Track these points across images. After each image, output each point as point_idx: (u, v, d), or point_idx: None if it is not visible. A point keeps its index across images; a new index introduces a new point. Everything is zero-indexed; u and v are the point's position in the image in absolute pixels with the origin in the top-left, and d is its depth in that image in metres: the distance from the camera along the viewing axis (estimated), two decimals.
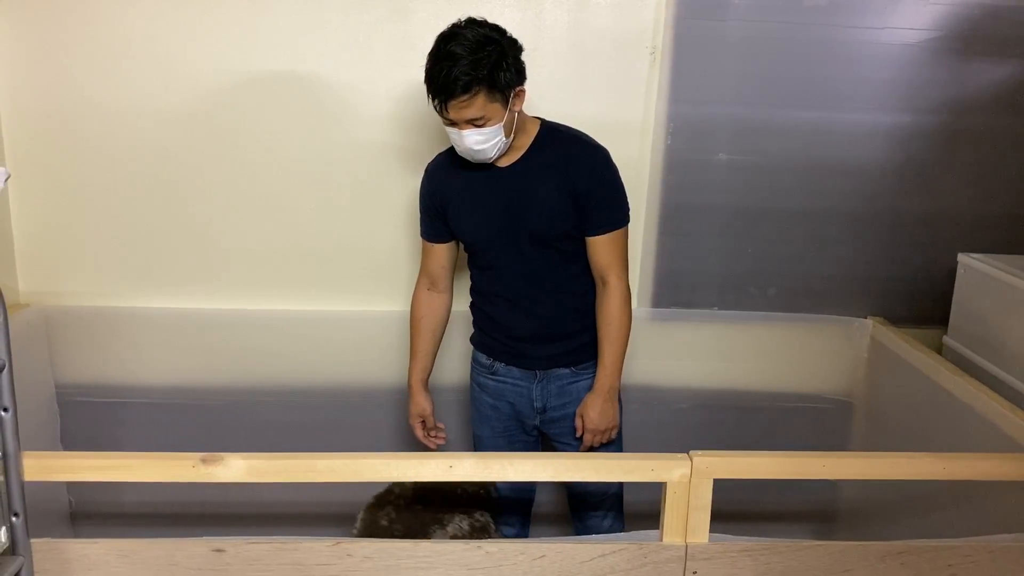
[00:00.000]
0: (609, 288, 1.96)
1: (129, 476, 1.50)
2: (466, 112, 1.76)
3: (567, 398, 2.06)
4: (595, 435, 2.00)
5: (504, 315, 2.03)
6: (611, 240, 1.94)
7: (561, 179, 1.90)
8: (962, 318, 2.33)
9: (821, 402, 2.56)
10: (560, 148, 1.93)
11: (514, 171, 1.93)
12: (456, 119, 1.78)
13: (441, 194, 2.00)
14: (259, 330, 2.42)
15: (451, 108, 1.76)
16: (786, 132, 2.37)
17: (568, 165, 1.91)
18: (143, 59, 2.23)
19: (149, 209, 2.34)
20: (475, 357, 2.14)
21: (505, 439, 2.13)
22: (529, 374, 2.06)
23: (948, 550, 1.59)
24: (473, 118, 1.77)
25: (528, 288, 1.98)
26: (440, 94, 1.75)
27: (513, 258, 1.96)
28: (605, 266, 1.95)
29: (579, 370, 2.05)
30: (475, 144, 1.81)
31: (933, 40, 2.31)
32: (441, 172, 2.02)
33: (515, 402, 2.09)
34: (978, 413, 1.96)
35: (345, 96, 2.29)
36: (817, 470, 1.58)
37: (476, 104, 1.76)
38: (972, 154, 2.41)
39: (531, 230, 1.93)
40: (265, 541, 1.52)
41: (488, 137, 1.81)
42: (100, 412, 2.44)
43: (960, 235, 2.43)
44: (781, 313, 2.50)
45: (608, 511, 2.18)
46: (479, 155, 1.84)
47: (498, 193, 1.93)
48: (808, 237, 2.45)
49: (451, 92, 1.74)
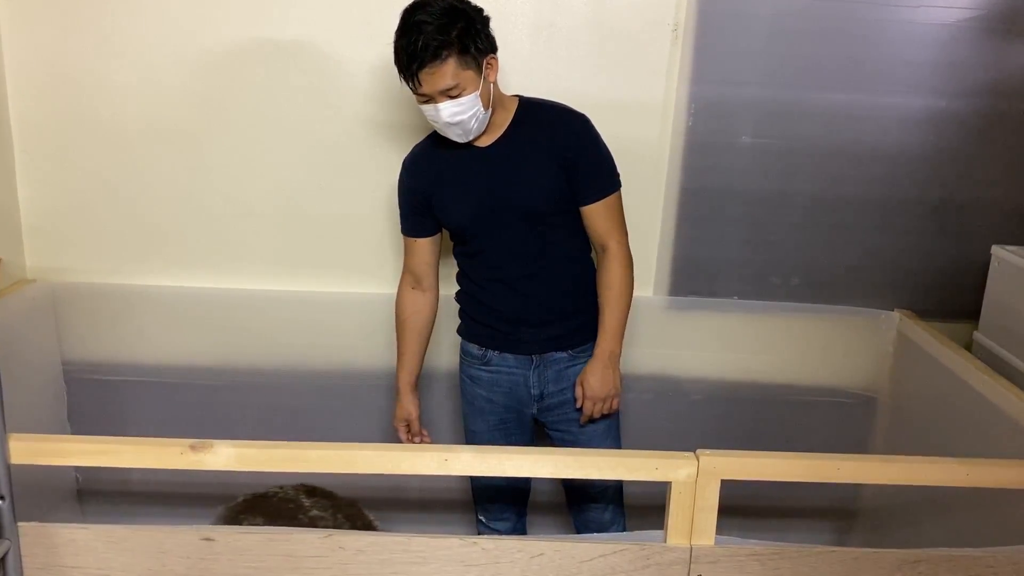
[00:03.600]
0: (609, 253, 1.93)
1: (116, 462, 1.47)
2: (439, 81, 1.72)
3: (565, 383, 2.01)
4: (595, 403, 1.94)
5: (498, 300, 1.97)
6: (606, 207, 1.92)
7: (548, 151, 1.86)
8: (994, 313, 2.23)
9: (843, 396, 2.48)
10: (542, 120, 1.90)
11: (497, 149, 1.89)
12: (430, 92, 1.74)
13: (423, 185, 1.95)
14: (268, 310, 2.39)
15: (423, 79, 1.73)
16: (813, 115, 2.28)
17: (553, 136, 1.87)
18: (152, 35, 2.20)
19: (157, 186, 2.32)
20: (465, 349, 2.09)
21: (501, 432, 2.08)
22: (525, 360, 2.01)
23: (968, 560, 1.51)
24: (447, 87, 1.73)
25: (522, 268, 1.94)
26: (411, 63, 1.72)
27: (506, 239, 1.91)
28: (604, 232, 1.93)
29: (576, 353, 2.00)
30: (452, 116, 1.76)
31: (972, 20, 2.20)
32: (421, 162, 1.97)
33: (511, 391, 2.04)
34: (1007, 415, 1.88)
35: (346, 73, 2.24)
36: (831, 473, 1.50)
37: (448, 71, 1.72)
38: (1010, 141, 2.30)
39: (523, 207, 1.88)
40: (256, 531, 1.49)
41: (465, 108, 1.76)
42: (107, 390, 2.42)
43: (995, 226, 2.33)
44: (804, 304, 2.42)
45: (609, 503, 2.13)
46: (458, 129, 1.79)
47: (484, 174, 1.89)
48: (834, 225, 2.36)
49: (422, 60, 1.70)
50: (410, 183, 1.98)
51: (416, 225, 2.01)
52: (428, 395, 2.42)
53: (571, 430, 2.04)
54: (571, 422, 2.04)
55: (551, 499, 2.44)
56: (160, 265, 2.37)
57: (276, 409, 2.43)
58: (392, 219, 2.32)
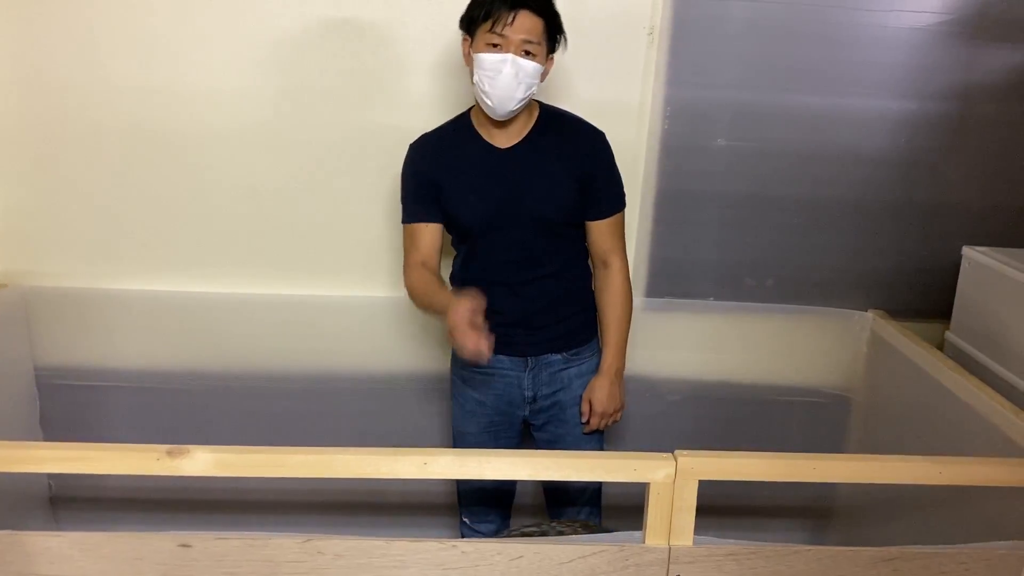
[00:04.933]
0: (612, 270, 1.96)
1: (92, 468, 1.45)
2: (531, 30, 1.75)
3: (558, 385, 2.01)
4: (603, 418, 1.98)
5: (497, 301, 1.92)
6: (613, 223, 1.96)
7: (567, 163, 1.87)
8: (965, 313, 2.26)
9: (818, 396, 2.50)
10: (564, 131, 1.91)
11: (517, 153, 1.88)
12: (514, 36, 1.74)
13: (432, 168, 1.91)
14: (243, 314, 2.37)
15: (519, 19, 1.73)
16: (788, 117, 2.29)
17: (575, 149, 1.89)
18: (122, 36, 2.17)
19: (131, 189, 2.29)
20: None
21: (490, 434, 2.07)
22: (520, 362, 2.00)
23: (942, 557, 1.53)
24: (529, 40, 1.74)
25: (523, 272, 1.93)
26: (514, 3, 1.72)
27: (511, 242, 1.90)
28: (608, 248, 1.96)
29: (570, 356, 2.01)
30: (509, 77, 1.74)
31: (942, 24, 2.23)
32: (430, 149, 1.93)
33: (503, 393, 2.03)
34: (978, 413, 1.90)
35: (329, 74, 2.23)
36: (807, 473, 1.52)
37: (539, 27, 1.76)
38: (980, 143, 2.33)
39: (535, 214, 1.88)
40: (234, 537, 1.47)
41: (526, 74, 1.76)
42: (80, 395, 2.39)
43: (965, 227, 2.36)
44: (779, 304, 2.43)
45: (585, 505, 2.13)
46: (504, 94, 1.76)
47: (499, 175, 1.87)
48: (808, 226, 2.38)
49: (533, 4, 1.73)
50: (419, 165, 1.92)
51: (422, 210, 1.92)
52: (417, 400, 2.43)
53: (557, 432, 2.05)
54: (559, 423, 2.04)
55: (535, 501, 2.44)
56: (134, 269, 2.34)
57: (253, 414, 2.41)
58: (373, 222, 2.33)
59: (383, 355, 2.35)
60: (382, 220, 2.32)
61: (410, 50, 2.22)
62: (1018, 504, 1.70)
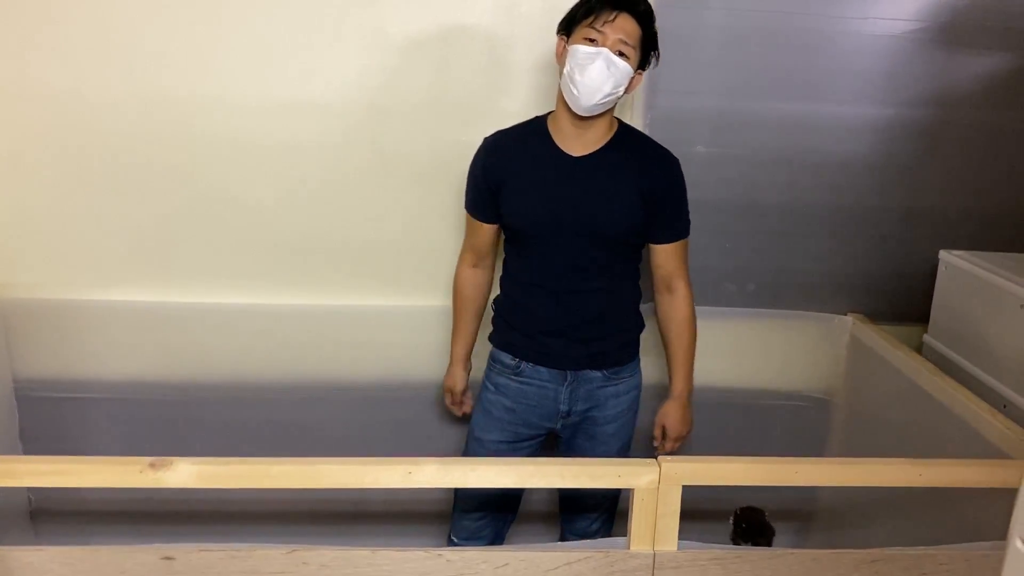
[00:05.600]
0: (678, 296, 2.00)
1: (74, 482, 1.44)
2: (630, 31, 1.77)
3: (593, 403, 2.01)
4: (676, 441, 2.03)
5: (540, 307, 1.94)
6: (680, 248, 1.98)
7: (636, 181, 1.87)
8: (943, 316, 2.29)
9: (800, 400, 2.51)
10: (638, 150, 1.92)
11: (587, 163, 1.87)
12: (608, 33, 1.76)
13: (499, 170, 1.91)
14: (225, 324, 2.35)
15: (621, 19, 1.76)
16: (766, 125, 2.31)
17: (646, 168, 1.89)
18: (103, 44, 2.15)
19: (111, 198, 2.26)
20: (496, 357, 2.04)
21: (509, 445, 2.05)
22: (559, 375, 1.98)
23: (923, 558, 1.55)
24: (626, 42, 1.76)
25: (572, 282, 1.91)
26: (617, 5, 1.75)
27: (564, 250, 1.88)
28: (673, 271, 1.98)
29: (610, 374, 2.00)
30: (600, 70, 1.75)
31: (917, 32, 2.26)
32: (503, 148, 1.94)
33: (538, 405, 2.00)
34: (956, 415, 1.93)
35: (310, 85, 2.22)
36: (789, 476, 1.53)
37: (638, 32, 1.78)
38: (955, 149, 2.36)
39: (595, 226, 1.87)
40: (217, 548, 1.47)
41: (615, 73, 1.76)
42: (61, 408, 2.36)
43: (942, 231, 2.38)
44: (760, 309, 2.44)
45: (601, 514, 2.14)
46: (589, 90, 1.77)
47: (565, 183, 1.87)
48: (788, 232, 2.39)
49: (634, 3, 1.77)
50: (487, 163, 1.93)
51: (479, 208, 1.97)
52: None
53: (585, 446, 2.04)
54: (588, 438, 2.04)
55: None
56: (114, 279, 2.32)
57: (236, 425, 2.39)
58: (361, 228, 2.33)
59: (369, 363, 2.36)
60: (361, 227, 2.33)
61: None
62: (997, 504, 1.72)
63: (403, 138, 2.26)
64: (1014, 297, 1.97)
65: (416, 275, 2.36)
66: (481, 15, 2.20)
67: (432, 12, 2.18)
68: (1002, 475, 1.54)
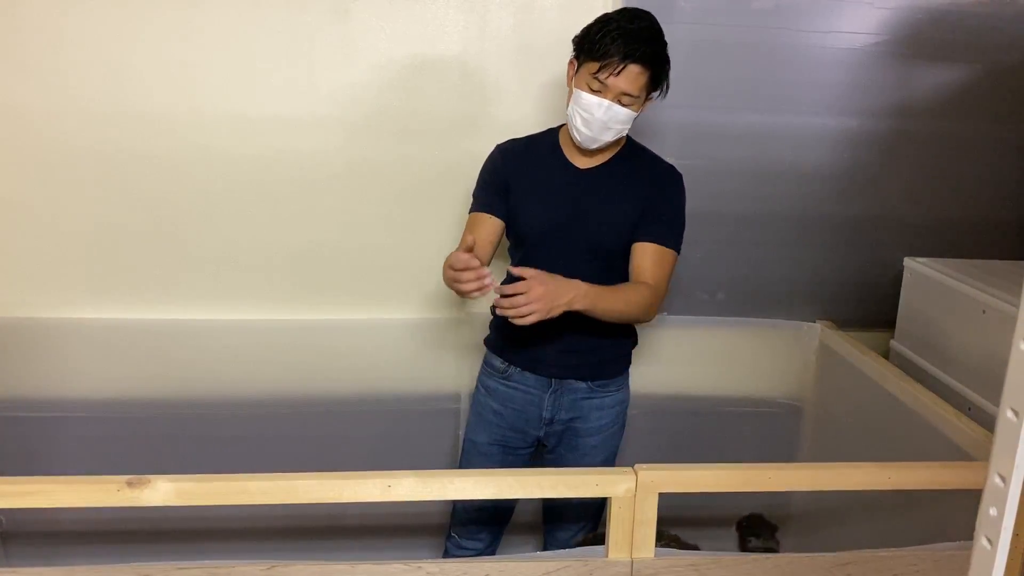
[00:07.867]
0: (644, 286, 1.85)
1: (48, 502, 1.42)
2: (632, 84, 1.76)
3: (576, 413, 2.02)
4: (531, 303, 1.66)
5: None
6: (659, 253, 1.87)
7: (636, 193, 1.89)
8: (908, 322, 2.34)
9: (770, 407, 2.55)
10: (642, 166, 1.94)
11: (592, 174, 1.90)
12: (612, 85, 1.75)
13: (509, 173, 1.94)
14: (195, 341, 2.34)
15: (626, 74, 1.74)
16: (733, 136, 2.36)
17: (647, 182, 1.91)
18: (80, 60, 2.15)
19: (78, 213, 2.25)
20: (488, 360, 2.08)
21: (500, 448, 2.07)
22: (544, 382, 2.01)
23: (893, 559, 1.58)
24: (629, 93, 1.76)
25: None
26: (630, 50, 1.73)
27: (561, 258, 1.88)
28: (646, 274, 1.86)
29: (595, 386, 2.02)
30: (605, 119, 1.78)
31: (878, 45, 2.31)
32: (515, 153, 1.97)
33: (522, 410, 2.03)
34: (923, 419, 1.97)
35: (292, 98, 2.23)
36: (764, 482, 1.56)
37: (642, 83, 1.77)
38: (917, 158, 2.42)
39: (592, 238, 1.89)
40: (195, 566, 1.46)
41: (619, 120, 1.79)
42: (32, 427, 2.34)
43: (906, 239, 2.44)
44: (729, 317, 2.49)
45: (584, 525, 2.15)
46: (593, 132, 1.80)
47: (569, 192, 1.90)
48: (756, 241, 2.44)
49: (641, 55, 1.74)
50: (499, 165, 1.96)
51: (489, 201, 1.95)
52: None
53: (567, 456, 2.06)
54: (569, 448, 2.05)
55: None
56: (84, 297, 2.30)
57: (211, 442, 2.38)
58: (335, 245, 2.34)
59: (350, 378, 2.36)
60: (342, 240, 2.34)
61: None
62: (964, 505, 1.75)
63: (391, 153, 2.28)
64: (976, 302, 2.02)
65: (397, 289, 2.38)
66: (454, 33, 2.22)
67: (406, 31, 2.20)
68: (967, 476, 1.58)
